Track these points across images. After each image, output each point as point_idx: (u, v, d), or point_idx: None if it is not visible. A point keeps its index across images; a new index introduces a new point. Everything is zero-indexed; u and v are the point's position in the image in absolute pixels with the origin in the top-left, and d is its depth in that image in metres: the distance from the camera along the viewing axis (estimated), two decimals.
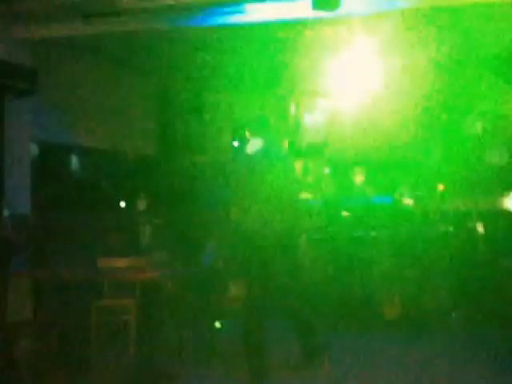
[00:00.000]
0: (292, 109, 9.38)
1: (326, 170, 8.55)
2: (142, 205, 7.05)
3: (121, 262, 5.50)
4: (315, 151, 9.38)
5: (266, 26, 6.12)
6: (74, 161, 6.67)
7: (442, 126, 8.32)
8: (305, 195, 7.71)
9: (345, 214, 6.63)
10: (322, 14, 5.40)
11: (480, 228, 7.03)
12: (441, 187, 7.83)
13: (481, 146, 7.42)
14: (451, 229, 7.09)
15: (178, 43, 6.68)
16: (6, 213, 5.66)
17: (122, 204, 7.15)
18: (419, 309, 6.90)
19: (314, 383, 4.80)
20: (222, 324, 5.72)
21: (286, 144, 9.32)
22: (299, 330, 4.85)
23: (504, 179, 7.42)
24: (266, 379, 4.55)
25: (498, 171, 7.32)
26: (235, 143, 8.90)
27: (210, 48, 6.87)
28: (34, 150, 6.17)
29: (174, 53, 7.09)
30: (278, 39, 6.57)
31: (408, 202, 7.65)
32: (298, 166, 9.45)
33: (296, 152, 9.42)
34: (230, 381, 4.83)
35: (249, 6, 5.67)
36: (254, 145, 5.79)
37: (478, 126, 7.44)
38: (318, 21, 6.03)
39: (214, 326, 5.50)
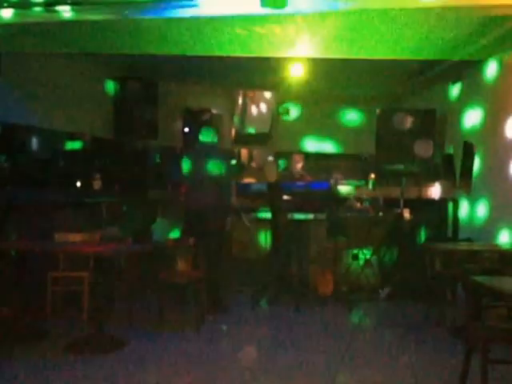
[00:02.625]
0: (239, 100, 9.79)
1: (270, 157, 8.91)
2: (96, 184, 7.36)
3: (76, 237, 5.86)
4: (260, 140, 9.82)
5: (217, 20, 6.38)
6: (32, 141, 6.82)
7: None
8: (250, 179, 8.17)
9: (286, 197, 7.02)
10: (270, 11, 5.81)
11: (406, 213, 7.67)
12: (372, 176, 8.46)
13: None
14: (381, 213, 7.71)
15: (134, 33, 6.85)
16: None
17: (78, 183, 7.36)
18: (352, 285, 7.52)
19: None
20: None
21: (233, 133, 9.77)
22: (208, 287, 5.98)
23: (428, 171, 8.04)
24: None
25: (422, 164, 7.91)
26: (186, 129, 9.28)
27: (163, 39, 7.04)
28: None
29: (129, 42, 7.26)
30: (228, 33, 6.80)
31: (343, 188, 8.26)
32: (245, 153, 9.92)
33: (242, 140, 9.86)
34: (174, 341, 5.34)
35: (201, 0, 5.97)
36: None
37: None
38: (267, 17, 6.38)
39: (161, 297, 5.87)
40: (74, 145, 7.55)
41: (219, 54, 7.56)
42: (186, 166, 6.65)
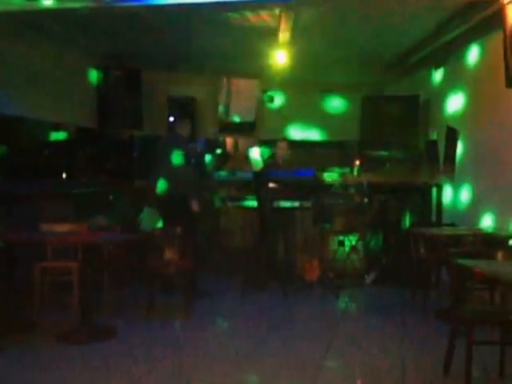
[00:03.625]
0: (223, 88, 9.79)
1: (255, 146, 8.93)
2: (82, 174, 7.34)
3: (63, 227, 5.86)
4: (245, 128, 9.83)
5: (199, 7, 6.38)
6: (16, 131, 6.78)
7: None
8: (235, 167, 8.20)
9: (271, 184, 7.05)
10: None
11: (391, 199, 7.76)
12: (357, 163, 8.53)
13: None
14: (366, 200, 7.79)
15: (116, 21, 6.82)
16: None
17: (64, 173, 7.35)
18: (338, 271, 7.61)
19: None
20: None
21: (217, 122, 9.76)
22: None
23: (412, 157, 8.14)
24: None
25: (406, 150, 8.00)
26: (170, 118, 9.27)
27: (145, 26, 7.02)
28: None
29: (111, 30, 7.24)
30: (209, 21, 6.79)
31: (328, 175, 8.32)
32: (230, 142, 9.92)
33: (227, 129, 9.86)
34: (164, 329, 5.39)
35: None
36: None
37: None
38: (249, 4, 6.39)
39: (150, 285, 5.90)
40: (59, 135, 7.51)
41: (202, 42, 7.59)
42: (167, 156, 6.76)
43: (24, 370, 4.28)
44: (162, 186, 6.73)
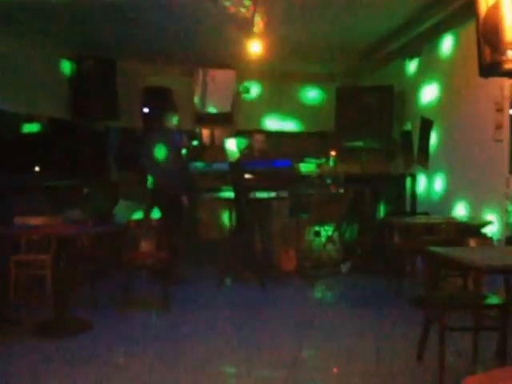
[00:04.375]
0: (199, 79, 9.74)
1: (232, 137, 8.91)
2: (56, 167, 7.27)
3: (37, 220, 5.81)
4: (221, 119, 9.81)
5: None
6: None
7: None
8: (211, 159, 8.19)
9: (248, 175, 7.07)
10: None
11: (366, 190, 7.83)
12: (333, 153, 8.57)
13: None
14: (341, 190, 7.83)
15: (90, 11, 6.75)
16: None
17: (38, 166, 7.27)
18: (314, 261, 7.65)
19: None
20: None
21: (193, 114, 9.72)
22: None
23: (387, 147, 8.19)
24: None
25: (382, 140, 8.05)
26: (145, 109, 9.20)
27: (120, 16, 6.95)
28: None
29: (84, 20, 7.15)
30: (185, 11, 6.76)
31: (304, 166, 8.35)
32: (206, 133, 9.89)
33: (203, 120, 9.83)
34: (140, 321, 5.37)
35: None
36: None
37: None
38: None
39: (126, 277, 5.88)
40: (31, 127, 7.41)
41: (178, 32, 7.54)
42: (152, 149, 6.80)
43: None
44: (152, 181, 6.88)
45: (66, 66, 8.37)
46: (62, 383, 3.88)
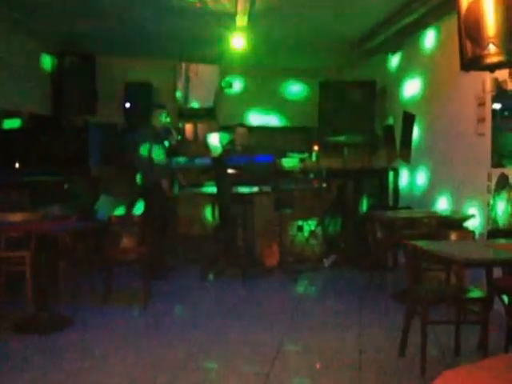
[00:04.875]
0: (181, 74, 9.69)
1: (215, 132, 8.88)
2: (36, 162, 7.20)
3: (16, 216, 5.73)
4: (204, 114, 9.78)
5: None
6: None
7: None
8: (194, 154, 8.17)
9: (231, 170, 7.05)
10: None
11: (349, 184, 7.85)
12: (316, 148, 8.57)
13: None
14: (324, 185, 7.84)
15: (70, 5, 6.69)
16: None
17: (17, 162, 7.20)
18: (297, 256, 7.67)
19: None
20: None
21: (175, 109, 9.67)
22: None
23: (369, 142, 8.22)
24: None
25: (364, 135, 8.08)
26: (127, 104, 9.14)
27: (101, 11, 6.90)
28: None
29: (64, 15, 7.08)
30: (167, 5, 6.72)
31: (287, 161, 8.35)
32: (189, 128, 9.85)
33: (186, 115, 9.78)
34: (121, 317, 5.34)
35: None
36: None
37: None
38: None
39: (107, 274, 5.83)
40: (11, 123, 7.33)
41: (160, 26, 7.49)
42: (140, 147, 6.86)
43: None
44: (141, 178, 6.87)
45: (47, 61, 8.29)
46: (42, 379, 3.83)
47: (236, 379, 3.92)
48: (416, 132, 7.34)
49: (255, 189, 7.14)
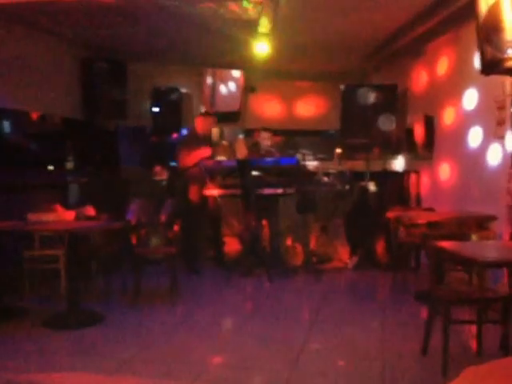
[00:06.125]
0: (208, 79, 9.87)
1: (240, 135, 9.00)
2: (69, 164, 7.44)
3: (49, 216, 5.92)
4: (230, 118, 9.92)
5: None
6: (3, 122, 6.82)
7: None
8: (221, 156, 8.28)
9: (255, 172, 7.15)
10: None
11: (371, 186, 7.92)
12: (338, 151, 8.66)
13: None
14: (347, 187, 7.92)
15: (101, 13, 6.86)
16: None
17: (51, 163, 7.41)
18: (321, 256, 7.75)
19: None
20: None
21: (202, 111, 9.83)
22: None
23: (391, 144, 8.27)
24: None
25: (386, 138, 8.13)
26: (155, 109, 9.33)
27: (131, 19, 7.06)
28: None
29: (96, 23, 7.27)
30: (194, 13, 6.85)
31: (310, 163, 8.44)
32: (215, 131, 9.99)
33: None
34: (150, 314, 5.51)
35: None
36: None
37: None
38: None
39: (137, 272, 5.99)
40: (45, 126, 7.55)
41: (186, 33, 7.64)
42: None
43: (12, 355, 4.31)
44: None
45: (78, 67, 8.49)
46: (71, 374, 3.94)
47: (261, 376, 4.02)
48: (437, 134, 7.40)
49: (279, 190, 7.23)
